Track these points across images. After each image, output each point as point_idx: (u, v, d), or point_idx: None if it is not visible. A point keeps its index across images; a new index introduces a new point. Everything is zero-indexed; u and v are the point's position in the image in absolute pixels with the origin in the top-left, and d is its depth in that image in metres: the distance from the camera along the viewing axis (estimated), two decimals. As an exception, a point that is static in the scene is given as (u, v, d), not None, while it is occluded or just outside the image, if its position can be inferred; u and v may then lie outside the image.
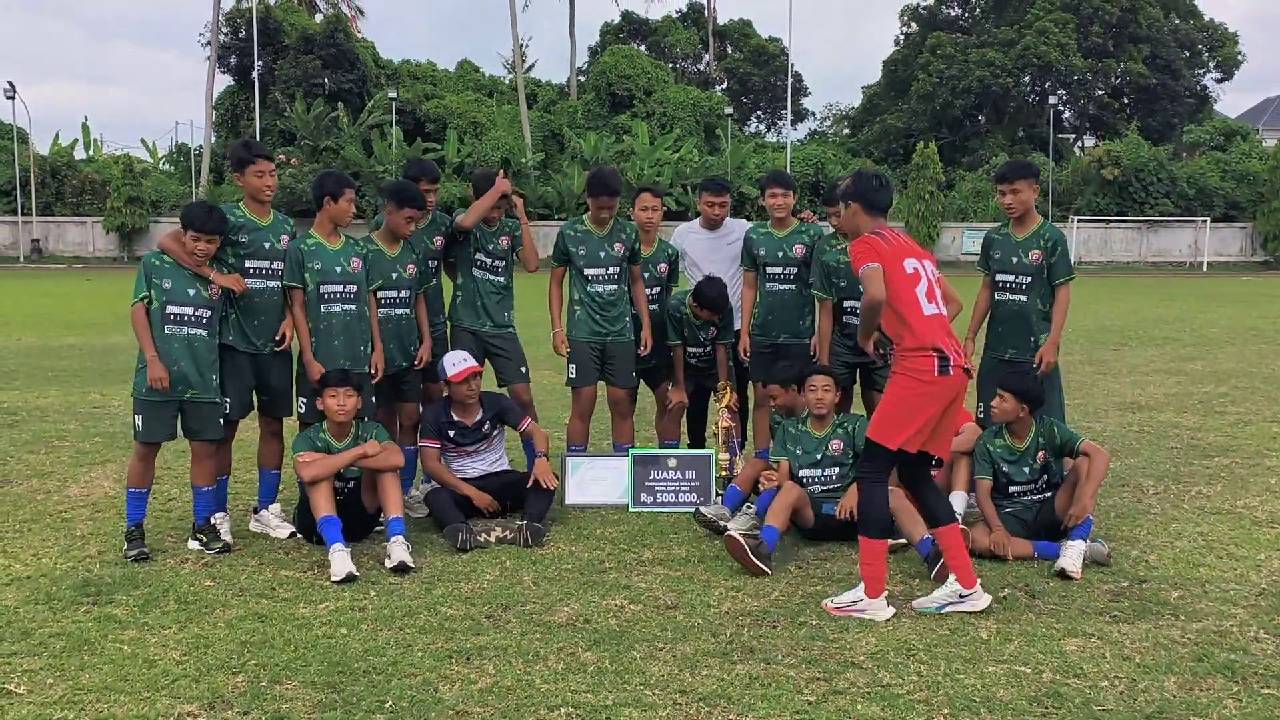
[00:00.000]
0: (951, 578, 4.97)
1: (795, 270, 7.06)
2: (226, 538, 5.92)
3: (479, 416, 6.62)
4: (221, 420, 5.95)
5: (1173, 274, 45.67)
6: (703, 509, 6.27)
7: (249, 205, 6.03)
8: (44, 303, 24.89)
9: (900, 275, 4.96)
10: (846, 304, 6.77)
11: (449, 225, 6.98)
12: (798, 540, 6.05)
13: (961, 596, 4.92)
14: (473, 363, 6.54)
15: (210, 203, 5.95)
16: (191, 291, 5.77)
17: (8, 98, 48.24)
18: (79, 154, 52.85)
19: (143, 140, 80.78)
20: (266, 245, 6.01)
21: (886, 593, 4.96)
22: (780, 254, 7.08)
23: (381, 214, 6.63)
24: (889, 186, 5.27)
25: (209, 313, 5.81)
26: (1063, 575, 5.34)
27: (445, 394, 6.63)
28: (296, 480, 6.02)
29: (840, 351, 6.84)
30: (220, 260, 5.91)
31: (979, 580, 4.98)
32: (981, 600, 4.90)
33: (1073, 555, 5.44)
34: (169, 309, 5.73)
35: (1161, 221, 49.85)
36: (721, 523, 6.11)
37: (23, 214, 47.63)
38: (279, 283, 6.07)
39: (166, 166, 56.28)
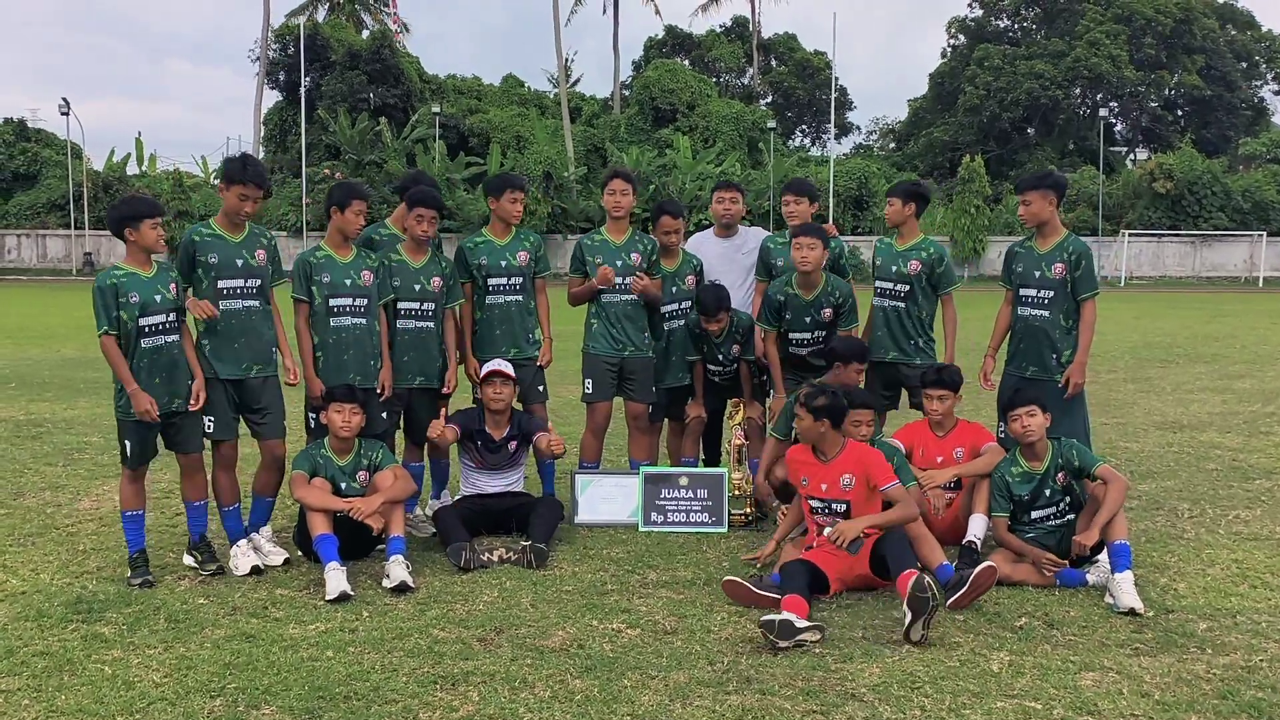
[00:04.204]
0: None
1: None
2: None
3: (507, 433, 6.47)
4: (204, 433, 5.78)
5: (1227, 289, 44.65)
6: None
7: (222, 223, 5.77)
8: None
9: None
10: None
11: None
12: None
13: None
14: (502, 368, 6.39)
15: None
16: (158, 298, 5.50)
17: (62, 114, 49.27)
18: (132, 169, 53.84)
19: (193, 156, 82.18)
20: (239, 263, 5.72)
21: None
22: None
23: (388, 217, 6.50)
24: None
25: (178, 318, 5.58)
26: (1133, 613, 5.00)
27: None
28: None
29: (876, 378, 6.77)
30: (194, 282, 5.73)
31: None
32: None
33: (1127, 588, 5.10)
34: (142, 320, 5.45)
35: (1216, 236, 48.81)
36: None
37: (76, 228, 48.56)
38: (254, 302, 5.78)
39: (216, 181, 57.14)
